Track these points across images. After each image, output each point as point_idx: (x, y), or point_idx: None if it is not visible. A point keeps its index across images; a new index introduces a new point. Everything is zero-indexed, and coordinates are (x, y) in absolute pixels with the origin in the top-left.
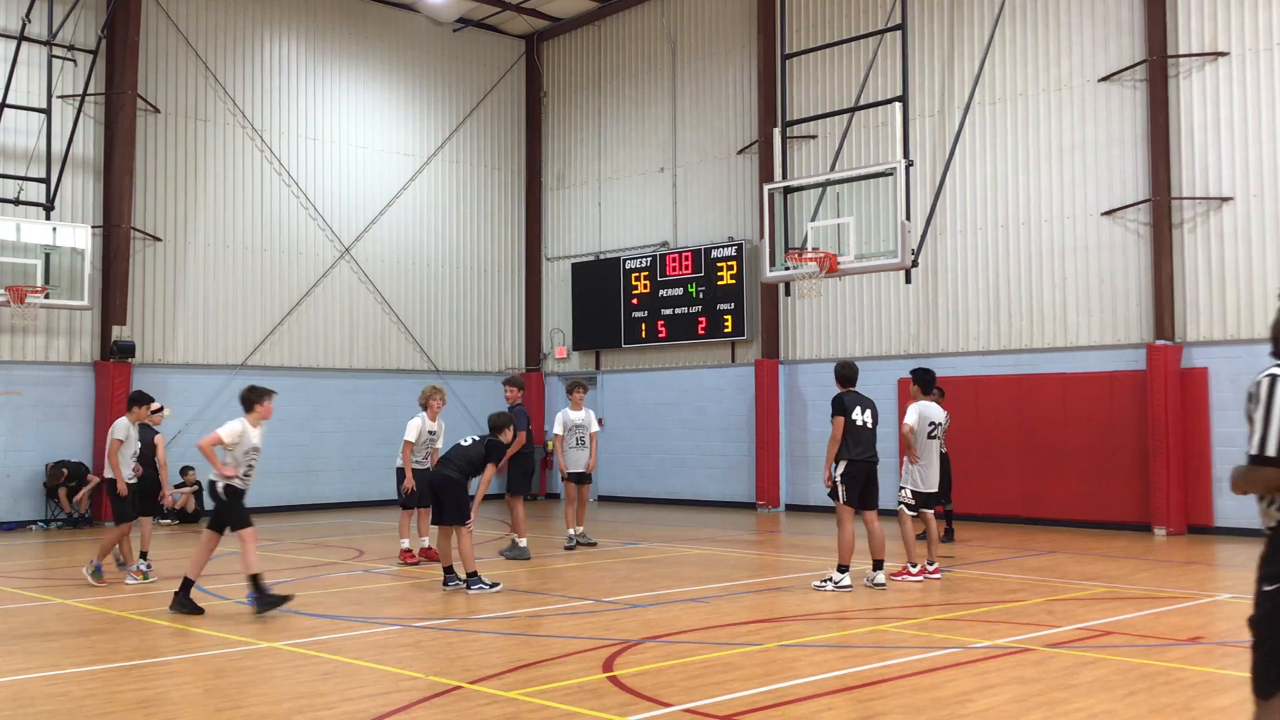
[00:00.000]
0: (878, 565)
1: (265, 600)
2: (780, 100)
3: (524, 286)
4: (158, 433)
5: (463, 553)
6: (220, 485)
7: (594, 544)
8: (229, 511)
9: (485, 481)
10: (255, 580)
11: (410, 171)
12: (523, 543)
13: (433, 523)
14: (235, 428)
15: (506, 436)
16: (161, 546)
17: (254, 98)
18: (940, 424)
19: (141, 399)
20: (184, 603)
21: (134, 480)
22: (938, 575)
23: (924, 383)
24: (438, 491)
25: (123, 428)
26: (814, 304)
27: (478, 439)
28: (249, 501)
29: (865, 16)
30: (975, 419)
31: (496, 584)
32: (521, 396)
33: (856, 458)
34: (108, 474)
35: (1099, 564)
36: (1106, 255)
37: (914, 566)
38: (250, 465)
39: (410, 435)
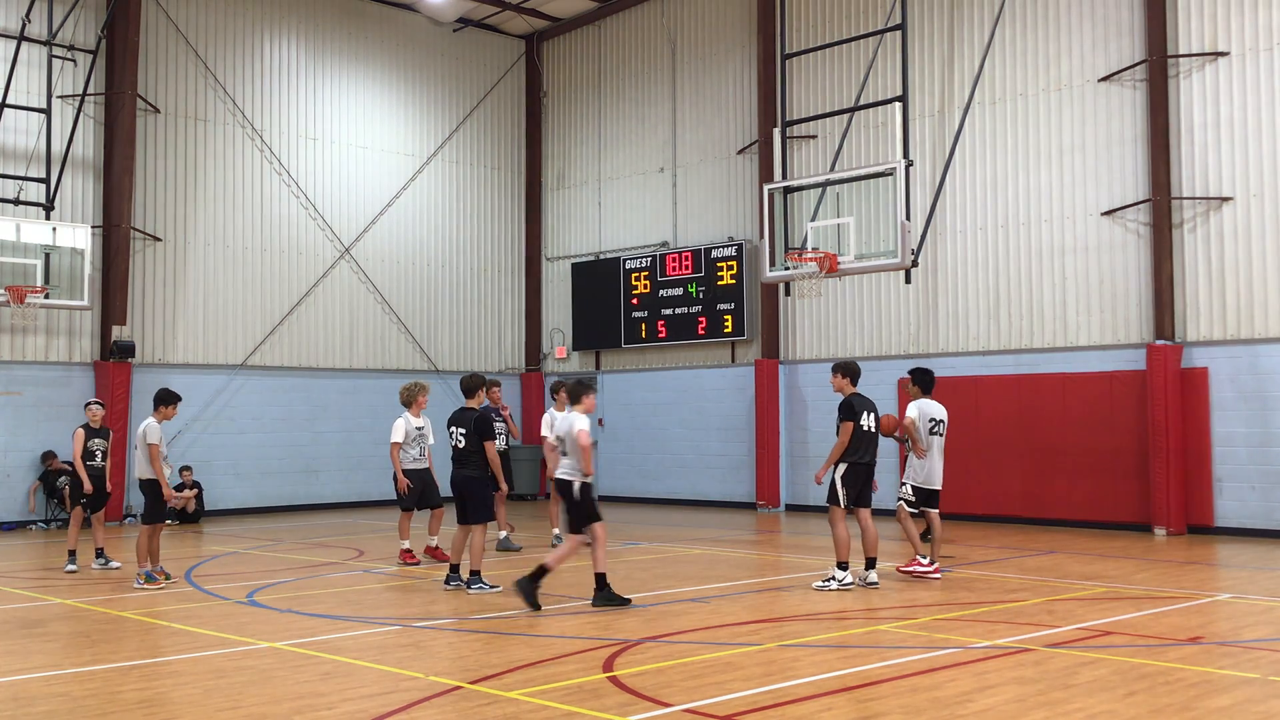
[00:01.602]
0: (870, 564)
1: (609, 599)
2: (780, 100)
3: (524, 286)
4: (98, 433)
5: (473, 549)
6: (577, 484)
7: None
8: (581, 508)
9: (495, 465)
10: (601, 579)
11: (410, 171)
12: (502, 534)
13: (460, 522)
14: (587, 422)
15: (480, 399)
16: (161, 546)
17: (254, 98)
18: (942, 420)
19: (169, 397)
20: (527, 590)
21: (177, 480)
22: (937, 576)
23: (924, 383)
24: (462, 492)
25: (156, 431)
26: (814, 304)
27: (464, 432)
28: (246, 501)
29: (865, 16)
30: (975, 419)
31: (497, 585)
32: (498, 397)
33: (858, 461)
34: (148, 475)
35: (1099, 564)
36: (1106, 255)
37: (924, 558)
38: None
39: (397, 436)
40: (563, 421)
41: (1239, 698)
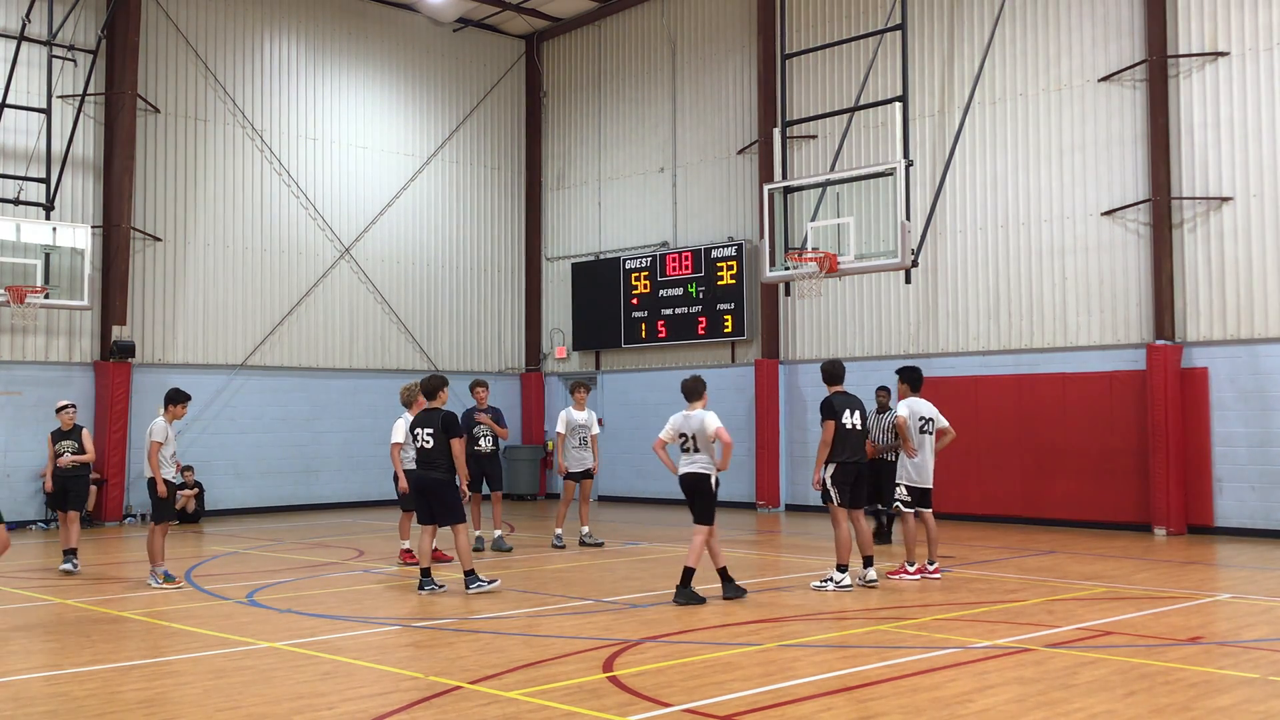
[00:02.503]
0: (868, 562)
1: (733, 590)
2: (780, 100)
3: (524, 286)
4: (67, 435)
5: (460, 550)
6: (714, 477)
7: (600, 544)
8: (712, 502)
9: (460, 464)
10: (724, 572)
11: (410, 171)
12: (497, 533)
13: (421, 523)
14: (717, 418)
15: (442, 399)
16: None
17: (254, 98)
18: (931, 419)
19: (178, 397)
20: (688, 595)
21: (179, 480)
22: (937, 575)
23: (913, 381)
24: (428, 494)
25: (161, 429)
26: (814, 304)
27: (431, 432)
28: (246, 501)
29: (865, 16)
30: (975, 419)
31: (495, 580)
32: (483, 398)
33: (845, 460)
34: (147, 474)
35: (1099, 564)
36: (1106, 255)
37: (912, 565)
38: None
39: (397, 436)
40: (694, 418)
41: (1239, 698)
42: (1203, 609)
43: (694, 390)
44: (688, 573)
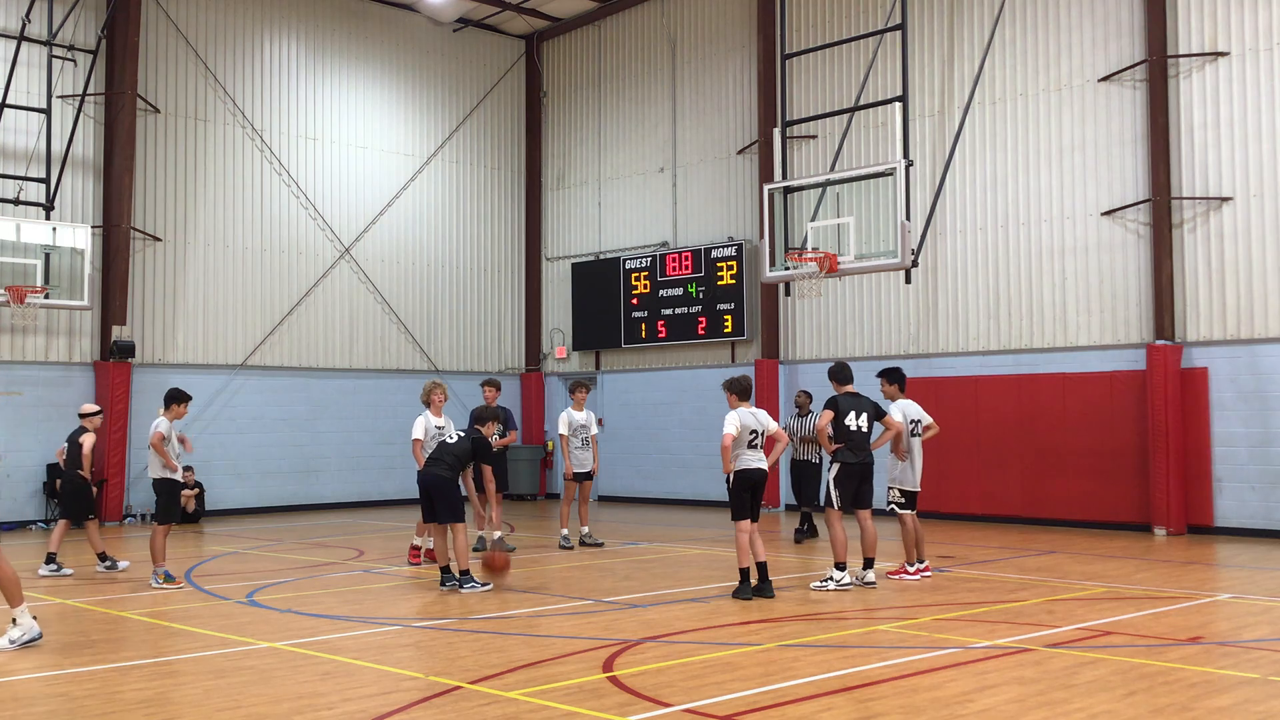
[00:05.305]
0: (868, 564)
1: (769, 590)
2: (780, 100)
3: (524, 286)
4: (86, 432)
5: (458, 550)
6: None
7: (601, 544)
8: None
9: (488, 480)
10: (747, 573)
11: (410, 171)
12: (497, 534)
13: (425, 521)
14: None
15: (490, 430)
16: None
17: (254, 98)
18: (920, 421)
19: (179, 396)
20: (757, 589)
21: (180, 481)
22: (916, 577)
23: (901, 381)
24: (430, 491)
25: (163, 424)
26: (814, 304)
27: (462, 434)
28: (246, 501)
29: (865, 16)
30: (975, 419)
31: (487, 584)
32: (498, 396)
33: (849, 461)
34: (159, 474)
35: (1099, 564)
36: (1106, 255)
37: (912, 566)
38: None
39: (418, 433)
40: (760, 416)
41: (1239, 698)
42: (1203, 609)
43: (749, 390)
44: (749, 571)
